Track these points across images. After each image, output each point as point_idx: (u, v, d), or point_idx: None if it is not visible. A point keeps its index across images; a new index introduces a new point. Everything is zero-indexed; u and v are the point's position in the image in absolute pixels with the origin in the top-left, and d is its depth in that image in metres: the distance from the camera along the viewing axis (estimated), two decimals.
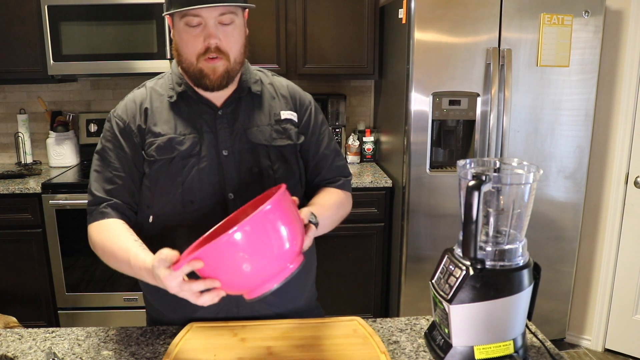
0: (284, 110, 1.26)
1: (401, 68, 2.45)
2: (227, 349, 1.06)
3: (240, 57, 1.17)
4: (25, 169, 2.84)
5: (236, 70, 1.18)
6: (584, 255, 2.77)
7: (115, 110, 1.24)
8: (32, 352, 1.07)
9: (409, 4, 2.30)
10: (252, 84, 1.24)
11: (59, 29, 2.57)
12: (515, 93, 2.38)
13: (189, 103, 1.21)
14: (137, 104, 1.22)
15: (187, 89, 1.21)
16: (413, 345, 1.09)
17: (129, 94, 1.27)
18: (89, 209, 1.20)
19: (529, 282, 0.98)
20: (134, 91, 1.26)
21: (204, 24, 1.10)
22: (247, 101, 1.24)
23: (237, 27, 1.14)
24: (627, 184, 2.61)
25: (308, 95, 1.34)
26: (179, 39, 1.15)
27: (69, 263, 2.58)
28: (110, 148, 1.20)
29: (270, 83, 1.29)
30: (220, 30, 1.11)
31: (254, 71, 1.28)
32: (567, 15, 2.33)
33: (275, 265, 0.89)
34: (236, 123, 1.21)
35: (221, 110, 1.21)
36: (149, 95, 1.23)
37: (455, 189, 1.02)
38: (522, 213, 0.99)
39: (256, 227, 0.85)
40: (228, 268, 0.86)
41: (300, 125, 1.28)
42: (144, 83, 1.28)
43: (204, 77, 1.14)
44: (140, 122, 1.20)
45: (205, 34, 1.10)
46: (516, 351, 0.98)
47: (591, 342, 2.82)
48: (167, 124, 1.20)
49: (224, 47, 1.12)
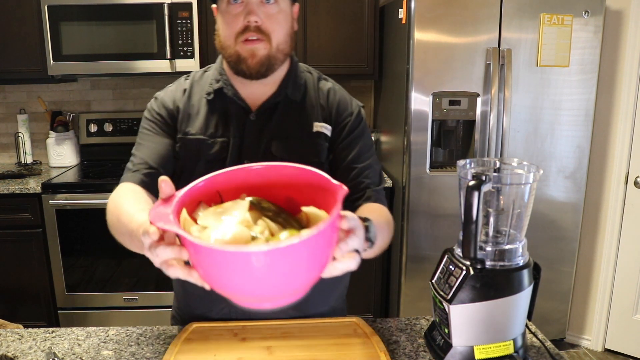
0: (318, 121, 1.16)
1: (401, 68, 2.45)
2: (227, 349, 1.06)
3: (284, 46, 1.09)
4: (25, 169, 2.84)
5: (279, 60, 1.10)
6: (584, 255, 2.77)
7: (158, 96, 1.20)
8: (32, 352, 1.06)
9: (408, 4, 2.30)
10: (292, 89, 1.15)
11: (59, 29, 2.57)
12: (515, 93, 2.38)
13: (224, 101, 1.15)
14: (178, 94, 1.18)
15: (225, 85, 1.15)
16: (413, 345, 1.09)
17: (172, 84, 1.22)
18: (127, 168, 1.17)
19: (529, 282, 0.98)
20: (179, 81, 1.22)
21: (246, 2, 1.04)
22: (283, 108, 1.15)
23: (283, 11, 1.08)
24: (627, 184, 2.61)
25: (352, 104, 1.21)
26: (220, 21, 1.09)
27: (69, 263, 2.58)
28: (148, 129, 1.18)
29: (316, 89, 1.19)
30: (262, 10, 1.05)
31: (301, 74, 1.19)
32: (567, 15, 2.33)
33: (281, 291, 0.69)
34: (265, 131, 1.13)
35: (253, 114, 1.14)
36: (190, 89, 1.18)
37: (455, 189, 1.02)
38: (522, 213, 0.99)
39: (283, 255, 0.62)
40: (221, 278, 0.67)
41: (332, 137, 1.17)
42: (191, 74, 1.22)
43: (241, 62, 1.07)
44: (176, 114, 1.17)
45: (246, 11, 1.04)
46: (516, 351, 0.98)
47: (591, 342, 2.82)
48: (199, 122, 1.15)
49: (265, 27, 1.05)
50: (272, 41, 1.06)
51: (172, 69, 2.60)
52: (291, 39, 1.12)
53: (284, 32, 1.09)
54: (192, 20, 2.56)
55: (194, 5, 2.55)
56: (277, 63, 1.10)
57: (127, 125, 2.99)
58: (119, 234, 0.99)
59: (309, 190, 0.77)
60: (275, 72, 1.12)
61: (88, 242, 2.57)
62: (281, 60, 1.11)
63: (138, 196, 1.04)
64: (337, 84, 1.25)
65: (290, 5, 1.11)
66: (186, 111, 1.17)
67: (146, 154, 1.16)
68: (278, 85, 1.15)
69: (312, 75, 1.22)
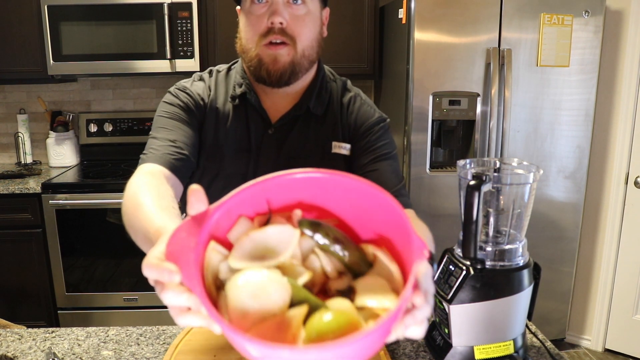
0: (337, 140, 1.07)
1: (401, 68, 2.45)
2: (227, 350, 1.05)
3: (310, 52, 1.01)
4: (25, 169, 2.84)
5: (303, 67, 1.01)
6: (584, 255, 2.77)
7: (185, 86, 1.09)
8: (32, 352, 1.06)
9: (408, 4, 2.30)
10: (315, 103, 1.06)
11: (59, 29, 2.57)
12: (515, 93, 2.38)
13: (246, 108, 1.06)
14: (206, 91, 1.09)
15: (248, 90, 1.06)
16: (413, 345, 1.09)
17: (195, 78, 1.11)
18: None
19: (529, 282, 0.98)
20: (203, 76, 1.11)
21: (271, 2, 0.97)
22: (303, 122, 1.07)
23: (310, 14, 0.99)
24: (627, 184, 2.61)
25: (374, 118, 1.12)
26: (243, 23, 1.01)
27: (69, 263, 2.58)
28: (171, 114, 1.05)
29: (338, 102, 1.10)
30: (288, 11, 0.97)
31: (327, 84, 1.10)
32: (567, 15, 2.33)
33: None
34: (283, 148, 1.05)
35: (272, 128, 1.06)
36: (215, 88, 1.09)
37: (455, 189, 1.02)
38: (522, 213, 0.99)
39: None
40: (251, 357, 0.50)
41: (351, 156, 1.08)
42: (214, 72, 1.11)
43: (262, 67, 0.98)
44: (203, 110, 1.07)
45: (270, 11, 0.96)
46: (516, 351, 0.98)
47: (591, 342, 2.82)
48: (224, 130, 1.06)
49: (290, 29, 0.97)
50: (298, 46, 0.99)
51: (172, 69, 2.60)
52: (318, 45, 1.04)
53: (311, 36, 1.01)
54: (192, 20, 2.56)
55: (194, 5, 2.55)
56: (302, 71, 1.02)
57: (127, 125, 2.99)
58: (132, 229, 0.84)
59: (374, 220, 0.60)
60: (298, 80, 1.04)
61: (88, 242, 2.57)
62: (306, 68, 1.03)
63: (161, 188, 0.87)
64: (361, 94, 1.16)
65: (320, 8, 1.03)
66: (212, 113, 1.08)
67: (175, 136, 1.02)
68: (301, 97, 1.07)
69: (336, 84, 1.13)
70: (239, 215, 0.60)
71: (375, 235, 0.61)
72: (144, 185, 0.85)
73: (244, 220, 0.59)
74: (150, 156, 0.98)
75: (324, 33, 1.06)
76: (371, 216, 0.60)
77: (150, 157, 0.98)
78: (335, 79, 1.15)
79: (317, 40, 1.03)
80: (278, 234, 0.57)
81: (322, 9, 1.05)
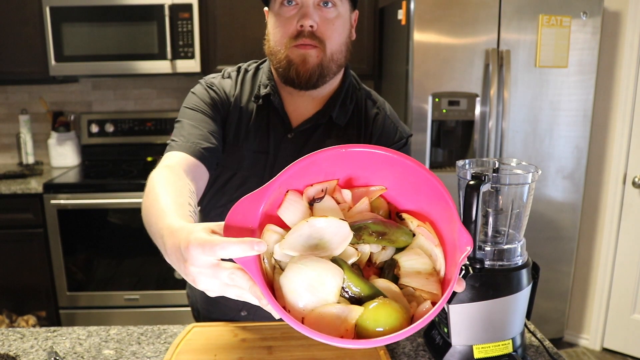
0: None
1: (401, 69, 2.45)
2: (228, 350, 1.06)
3: (339, 56, 1.01)
4: (27, 169, 2.85)
5: (331, 71, 1.01)
6: (582, 255, 2.77)
7: (214, 82, 1.08)
8: (33, 351, 1.07)
9: (408, 5, 2.31)
10: (339, 112, 1.05)
11: (60, 30, 2.58)
12: (514, 94, 2.39)
13: (268, 109, 1.05)
14: (233, 88, 1.08)
15: (273, 92, 1.05)
16: (412, 345, 1.09)
17: (224, 75, 1.10)
18: None
19: (528, 281, 0.99)
20: (230, 74, 1.11)
21: (301, 4, 0.96)
22: (324, 130, 1.06)
23: (341, 17, 0.99)
24: (624, 184, 2.62)
25: (396, 138, 1.10)
26: (271, 24, 1.00)
27: (71, 263, 2.59)
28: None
29: (362, 112, 1.08)
30: (318, 14, 0.96)
31: (354, 93, 1.08)
32: (566, 17, 2.34)
33: None
34: (301, 154, 1.02)
35: (292, 132, 1.05)
36: (241, 86, 1.08)
37: (455, 189, 1.03)
38: (521, 213, 1.00)
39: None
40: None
41: None
42: (241, 70, 1.10)
43: (291, 68, 0.97)
44: (227, 107, 1.06)
45: (301, 14, 0.96)
46: (515, 350, 0.99)
47: (589, 341, 2.83)
48: (246, 130, 1.05)
49: (320, 32, 0.96)
50: (327, 49, 0.98)
51: (172, 70, 2.61)
52: (347, 49, 1.03)
53: (340, 40, 1.00)
54: (192, 21, 2.57)
55: (194, 6, 2.56)
56: (329, 74, 1.01)
57: (128, 125, 2.99)
58: (147, 224, 0.80)
59: (418, 195, 0.66)
60: (325, 84, 1.03)
61: (89, 241, 2.57)
62: (334, 72, 1.02)
63: (178, 184, 0.84)
64: (386, 106, 1.14)
65: (350, 11, 1.03)
66: (235, 111, 1.07)
67: (203, 126, 1.02)
68: (324, 104, 1.06)
69: (361, 93, 1.12)
70: (287, 190, 0.63)
71: (417, 208, 0.66)
72: (162, 181, 0.84)
73: (292, 195, 0.63)
74: (180, 144, 0.97)
75: (353, 36, 1.05)
76: (417, 191, 0.66)
77: (179, 144, 0.97)
78: (360, 87, 1.14)
79: (346, 44, 1.03)
80: (336, 229, 0.61)
81: (351, 11, 1.04)
